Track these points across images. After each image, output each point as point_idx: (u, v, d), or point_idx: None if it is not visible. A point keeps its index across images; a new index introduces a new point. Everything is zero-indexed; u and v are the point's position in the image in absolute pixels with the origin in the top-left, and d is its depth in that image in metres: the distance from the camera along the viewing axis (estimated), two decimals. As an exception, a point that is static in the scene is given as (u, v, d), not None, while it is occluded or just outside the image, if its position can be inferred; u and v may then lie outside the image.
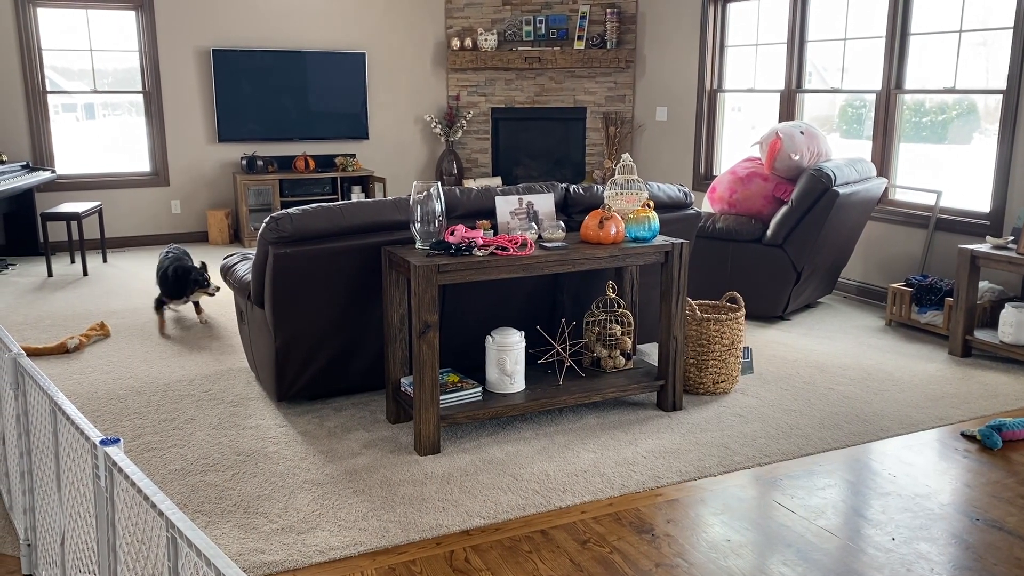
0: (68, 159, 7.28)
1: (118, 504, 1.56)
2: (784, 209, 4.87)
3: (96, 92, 7.26)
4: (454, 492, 2.90)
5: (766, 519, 2.73)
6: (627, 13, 7.88)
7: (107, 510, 1.59)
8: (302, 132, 7.81)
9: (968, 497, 2.89)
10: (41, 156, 7.06)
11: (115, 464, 1.51)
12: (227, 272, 4.05)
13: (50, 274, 6.28)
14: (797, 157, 4.96)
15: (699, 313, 3.80)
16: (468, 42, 7.95)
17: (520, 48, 7.97)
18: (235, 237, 7.77)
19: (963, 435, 3.40)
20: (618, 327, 3.71)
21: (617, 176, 3.57)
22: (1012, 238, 4.38)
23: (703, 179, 7.22)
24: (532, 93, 8.16)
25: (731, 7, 6.93)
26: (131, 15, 7.23)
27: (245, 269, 3.86)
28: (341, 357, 3.63)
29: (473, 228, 3.49)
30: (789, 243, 4.84)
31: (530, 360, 3.84)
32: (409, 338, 3.47)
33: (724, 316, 3.76)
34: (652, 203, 3.54)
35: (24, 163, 6.79)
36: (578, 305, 3.98)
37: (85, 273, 6.32)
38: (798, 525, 2.70)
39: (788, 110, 6.30)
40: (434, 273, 3.04)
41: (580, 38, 7.90)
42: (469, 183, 8.02)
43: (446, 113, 8.21)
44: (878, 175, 5.52)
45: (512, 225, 3.55)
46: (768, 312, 5.03)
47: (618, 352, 3.72)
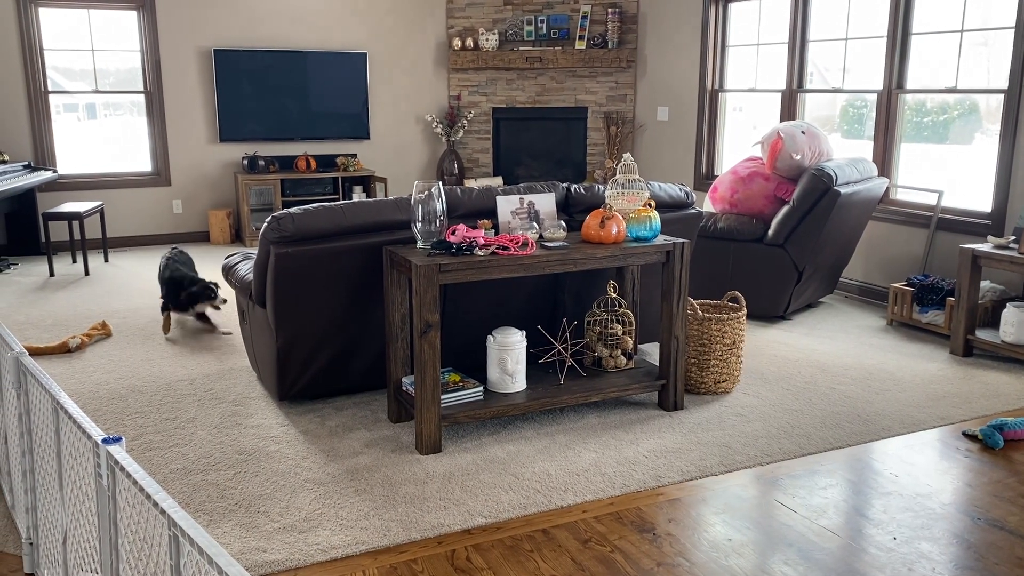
0: (70, 159, 7.29)
1: (120, 503, 1.56)
2: (785, 209, 4.87)
3: (98, 92, 7.27)
4: (455, 491, 2.90)
5: (767, 518, 2.73)
6: (628, 13, 7.88)
7: (109, 509, 1.59)
8: (303, 132, 7.82)
9: (970, 497, 2.89)
10: (43, 156, 7.07)
11: (117, 463, 1.51)
12: (229, 272, 4.05)
13: (52, 274, 6.29)
14: (798, 157, 4.96)
15: (700, 313, 3.80)
16: (469, 42, 7.95)
17: (521, 48, 7.97)
18: (236, 237, 7.78)
19: (965, 435, 3.40)
20: (619, 327, 3.71)
21: (618, 176, 3.57)
22: (1013, 238, 4.38)
23: (704, 179, 7.22)
24: (533, 93, 8.16)
25: (732, 7, 6.92)
26: (132, 15, 7.24)
27: (247, 269, 3.86)
28: (342, 356, 3.63)
29: (474, 228, 3.49)
30: (790, 243, 4.84)
31: (531, 360, 3.84)
32: (410, 337, 3.47)
33: (725, 316, 3.76)
34: (653, 203, 3.54)
35: (26, 163, 6.80)
36: (579, 305, 3.98)
37: (87, 273, 6.33)
38: (800, 524, 2.70)
39: (789, 110, 6.30)
40: (435, 273, 3.04)
41: (581, 38, 7.91)
42: (470, 183, 8.02)
43: (447, 113, 8.22)
44: (879, 175, 5.52)
45: (513, 225, 3.55)
46: (769, 312, 5.03)
47: (619, 352, 3.72)
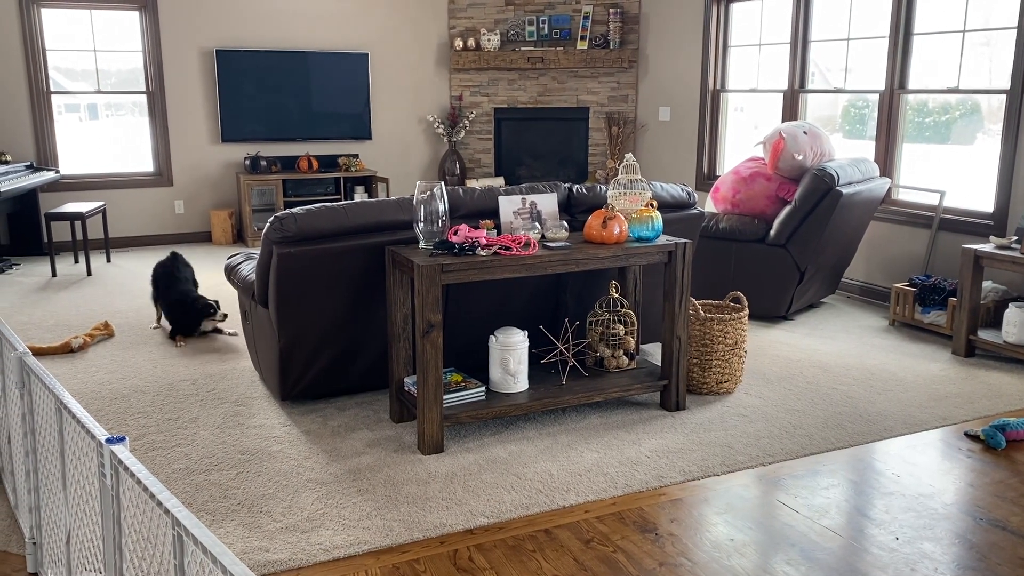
0: (72, 159, 7.29)
1: (124, 502, 1.56)
2: (787, 209, 4.87)
3: (100, 92, 7.28)
4: (458, 491, 2.90)
5: (770, 518, 2.73)
6: (630, 13, 7.88)
7: (113, 508, 1.59)
8: (305, 132, 7.82)
9: (972, 497, 2.89)
10: (45, 156, 7.08)
11: (121, 462, 1.52)
12: (231, 272, 4.06)
13: (54, 274, 6.30)
14: (800, 157, 4.96)
15: (702, 313, 3.80)
16: (471, 42, 7.95)
17: (523, 48, 7.97)
18: (238, 237, 7.78)
19: (967, 435, 3.40)
20: (621, 327, 3.71)
21: (620, 176, 3.57)
22: (1016, 238, 4.38)
23: (706, 179, 7.22)
24: (535, 93, 8.16)
25: (734, 7, 6.92)
26: (135, 15, 7.25)
27: (249, 269, 3.86)
28: (345, 356, 3.63)
29: (476, 228, 3.49)
30: (792, 243, 4.84)
31: (533, 360, 3.84)
32: (413, 338, 3.48)
33: (727, 316, 3.77)
34: (655, 203, 3.54)
35: (28, 163, 6.81)
36: (581, 305, 3.98)
37: (89, 273, 6.33)
38: (802, 524, 2.70)
39: (791, 110, 6.30)
40: (438, 273, 3.05)
41: (583, 38, 7.91)
42: (472, 183, 8.02)
43: (449, 113, 8.22)
44: (881, 175, 5.52)
45: (515, 225, 3.55)
46: (771, 312, 5.03)
47: (621, 352, 3.73)
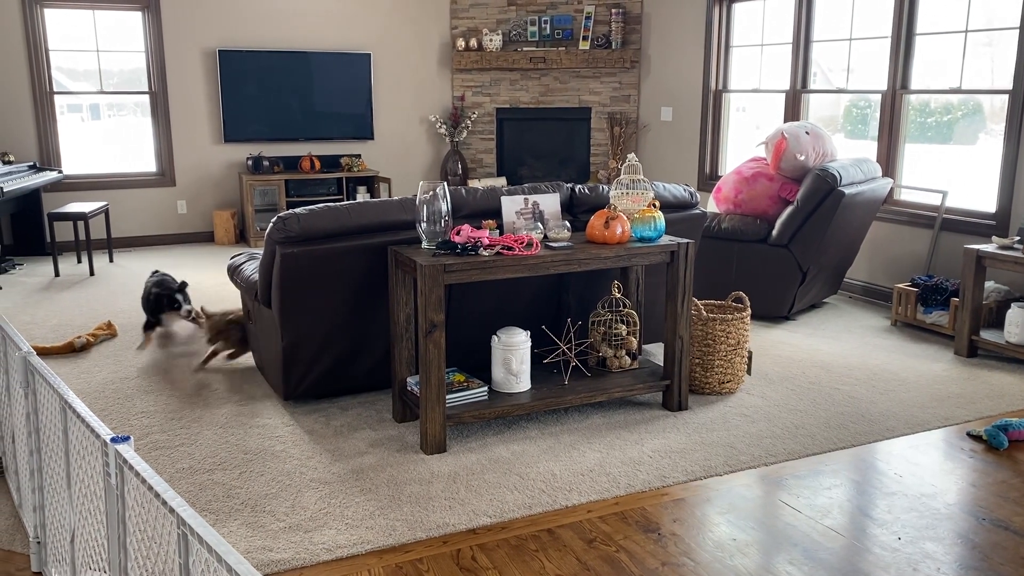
0: (74, 159, 7.30)
1: (128, 501, 1.57)
2: (789, 209, 4.87)
3: (102, 92, 7.29)
4: (460, 491, 2.91)
5: (772, 518, 2.74)
6: (632, 13, 7.88)
7: (117, 507, 1.60)
8: (308, 132, 7.83)
9: (974, 497, 2.89)
10: (48, 156, 7.09)
11: (126, 461, 1.52)
12: (234, 272, 4.06)
13: (57, 274, 6.31)
14: (802, 157, 4.96)
15: (705, 313, 3.80)
16: (473, 42, 7.96)
17: (525, 48, 7.98)
18: (241, 237, 7.79)
19: (969, 435, 3.40)
20: (624, 327, 3.72)
21: (623, 176, 3.58)
22: (1018, 238, 4.38)
23: (708, 179, 7.22)
24: (537, 93, 8.17)
25: (736, 7, 6.92)
26: (137, 16, 7.26)
27: (252, 269, 3.87)
28: (347, 356, 3.64)
29: (479, 228, 3.49)
30: (794, 243, 4.84)
31: (536, 360, 3.85)
32: (415, 337, 3.48)
33: (730, 316, 3.77)
34: (658, 203, 3.54)
35: (31, 163, 6.82)
36: (583, 305, 3.98)
37: (92, 273, 6.34)
38: (804, 524, 2.70)
39: (793, 110, 6.30)
40: (440, 273, 3.05)
41: (585, 38, 7.91)
42: (474, 183, 8.03)
43: (451, 113, 8.22)
44: (883, 175, 5.52)
45: (518, 225, 3.56)
46: (773, 312, 5.03)
47: (624, 352, 3.73)
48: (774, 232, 4.90)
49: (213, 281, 6.08)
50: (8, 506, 2.79)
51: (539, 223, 3.58)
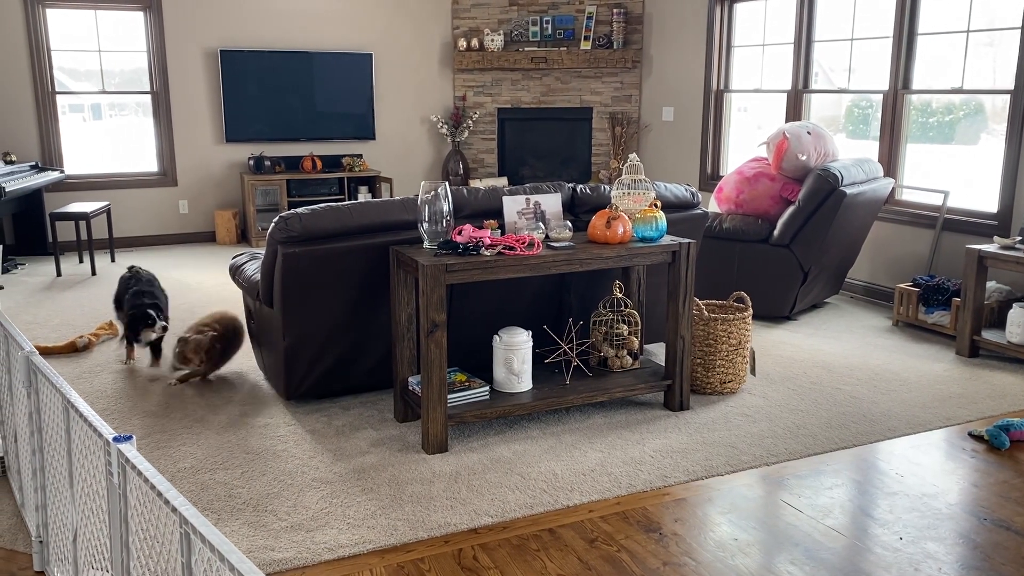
0: (76, 159, 7.31)
1: (131, 500, 1.57)
2: (791, 209, 4.87)
3: (104, 92, 7.29)
4: (462, 491, 2.91)
5: (773, 518, 2.74)
6: (633, 13, 7.88)
7: (120, 506, 1.60)
8: (309, 132, 7.83)
9: (976, 497, 2.89)
10: (50, 156, 7.10)
11: (128, 461, 1.52)
12: (236, 271, 4.07)
13: (59, 274, 6.31)
14: (804, 157, 4.96)
15: (706, 313, 3.80)
16: (475, 42, 7.96)
17: (526, 48, 7.98)
18: (242, 237, 7.80)
19: (970, 435, 3.40)
20: (625, 327, 3.72)
21: (624, 176, 3.58)
22: (1020, 238, 4.37)
23: (710, 179, 7.22)
24: (538, 93, 8.17)
25: (738, 7, 6.92)
26: (139, 16, 7.26)
27: (254, 269, 3.87)
28: (349, 356, 3.64)
29: (480, 228, 3.50)
30: (796, 243, 4.84)
31: (537, 360, 3.85)
32: (417, 337, 3.48)
33: (731, 316, 3.77)
34: (659, 203, 3.54)
35: (33, 163, 6.83)
36: (585, 305, 3.98)
37: (93, 273, 6.35)
38: (805, 524, 2.70)
39: (795, 110, 6.30)
40: (442, 272, 3.05)
41: (586, 38, 7.91)
42: (476, 183, 8.03)
43: (452, 113, 8.23)
44: (885, 175, 5.52)
45: (519, 225, 3.56)
46: (775, 312, 5.03)
47: (625, 352, 3.73)
48: (776, 232, 4.90)
49: (214, 281, 6.08)
50: (11, 505, 2.79)
51: (541, 223, 3.59)
